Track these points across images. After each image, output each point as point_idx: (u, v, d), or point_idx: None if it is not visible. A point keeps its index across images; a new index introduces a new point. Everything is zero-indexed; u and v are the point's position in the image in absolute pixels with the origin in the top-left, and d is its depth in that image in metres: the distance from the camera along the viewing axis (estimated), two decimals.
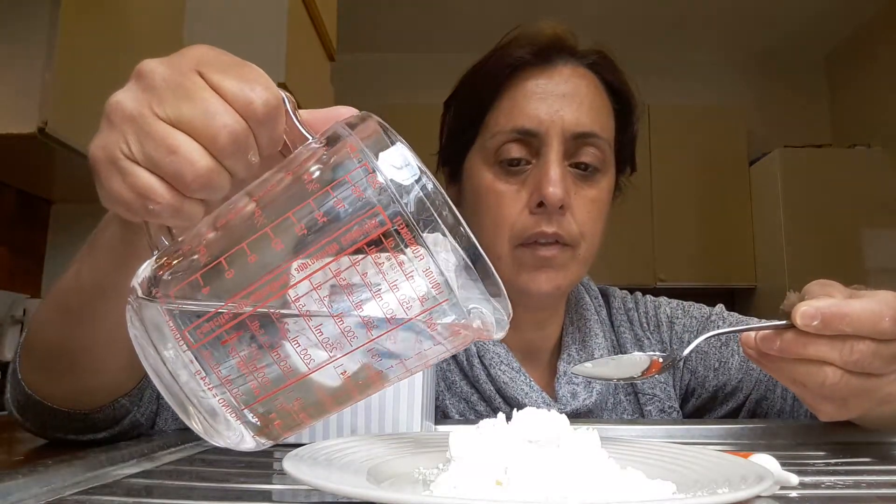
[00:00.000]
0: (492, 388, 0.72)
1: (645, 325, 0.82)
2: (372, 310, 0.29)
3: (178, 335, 0.30)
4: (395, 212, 0.28)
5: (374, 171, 0.29)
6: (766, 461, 0.36)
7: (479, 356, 0.73)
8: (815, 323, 0.43)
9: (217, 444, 0.32)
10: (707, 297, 0.99)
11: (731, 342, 0.78)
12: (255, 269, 0.29)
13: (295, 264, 0.29)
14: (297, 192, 0.30)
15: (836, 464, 0.48)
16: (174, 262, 0.31)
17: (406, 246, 0.28)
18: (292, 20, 1.82)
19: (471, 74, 0.77)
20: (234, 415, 0.31)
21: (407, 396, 0.52)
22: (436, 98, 0.88)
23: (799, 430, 0.62)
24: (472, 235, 0.30)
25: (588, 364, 0.51)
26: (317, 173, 0.30)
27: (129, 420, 0.55)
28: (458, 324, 0.30)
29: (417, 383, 0.53)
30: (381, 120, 0.32)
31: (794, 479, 0.37)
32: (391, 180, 0.29)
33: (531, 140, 0.69)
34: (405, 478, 0.37)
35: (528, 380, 0.72)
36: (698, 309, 0.83)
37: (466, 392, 0.73)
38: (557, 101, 0.69)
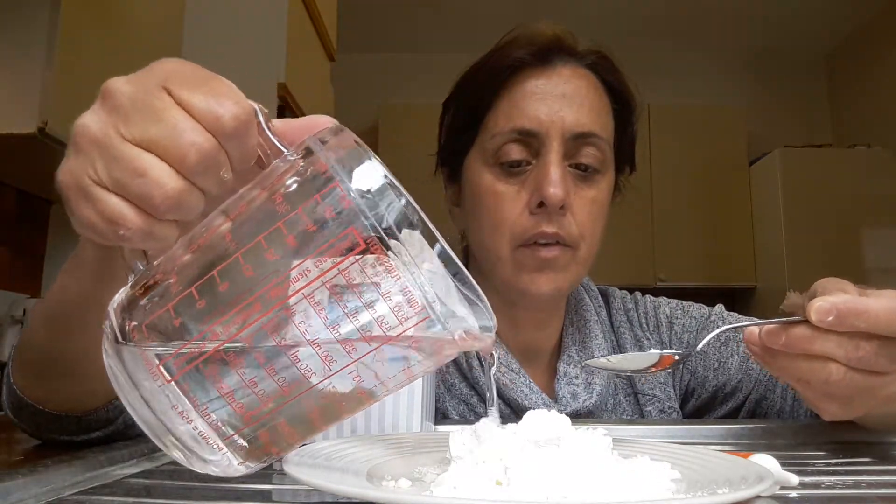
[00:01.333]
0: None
1: (644, 325, 0.82)
2: (349, 332, 0.28)
3: (153, 368, 0.29)
4: (368, 230, 0.27)
5: (345, 190, 0.28)
6: (766, 461, 0.36)
7: (478, 357, 0.73)
8: (830, 318, 0.43)
9: (201, 472, 0.32)
10: (707, 297, 0.99)
11: (730, 342, 0.77)
12: (227, 297, 0.29)
13: (267, 290, 0.28)
14: (267, 214, 0.29)
15: (836, 464, 0.48)
16: (147, 289, 0.30)
17: (381, 264, 0.28)
18: (292, 20, 1.82)
19: (470, 75, 0.77)
20: (215, 443, 0.30)
21: (407, 397, 0.52)
22: (435, 98, 0.87)
23: (799, 430, 0.62)
24: (447, 247, 0.29)
25: (602, 359, 0.51)
26: (288, 191, 0.29)
27: (122, 419, 0.55)
28: (440, 338, 0.30)
29: (417, 384, 0.53)
30: (354, 135, 0.31)
31: (794, 479, 0.37)
32: (363, 197, 0.28)
33: (531, 141, 0.69)
34: (405, 478, 0.37)
35: (527, 381, 0.72)
36: (698, 309, 0.83)
37: (466, 394, 0.73)
38: (557, 101, 0.69)
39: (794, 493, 0.36)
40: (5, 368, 0.55)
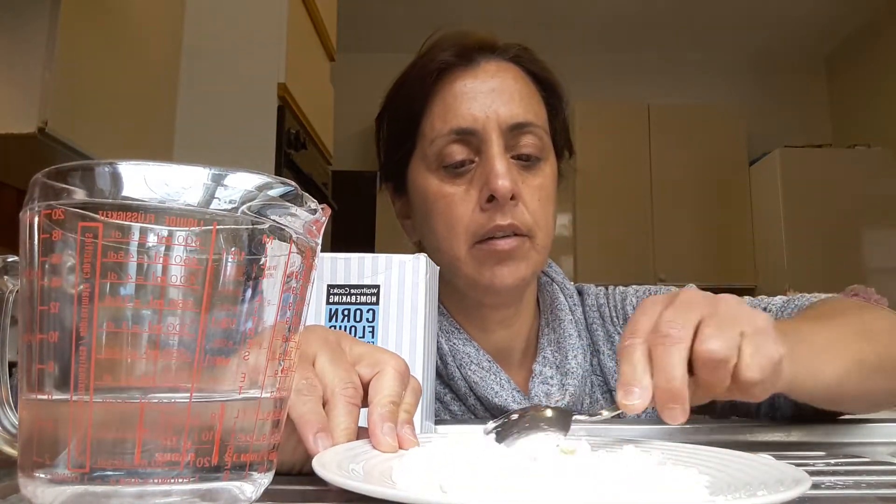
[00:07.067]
0: (466, 385, 0.73)
1: (615, 318, 0.81)
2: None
3: None
4: None
5: None
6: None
7: (451, 355, 0.74)
8: (637, 401, 0.40)
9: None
10: None
11: None
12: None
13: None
14: None
15: (836, 464, 0.47)
16: None
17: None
18: (292, 20, 1.82)
19: (397, 86, 0.78)
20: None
21: None
22: None
23: (799, 430, 0.62)
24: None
25: None
26: None
27: None
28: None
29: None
30: None
31: None
32: None
33: (470, 139, 0.70)
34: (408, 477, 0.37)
35: (498, 378, 0.72)
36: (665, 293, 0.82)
37: (439, 392, 0.74)
38: (488, 97, 0.71)
39: None
40: None
